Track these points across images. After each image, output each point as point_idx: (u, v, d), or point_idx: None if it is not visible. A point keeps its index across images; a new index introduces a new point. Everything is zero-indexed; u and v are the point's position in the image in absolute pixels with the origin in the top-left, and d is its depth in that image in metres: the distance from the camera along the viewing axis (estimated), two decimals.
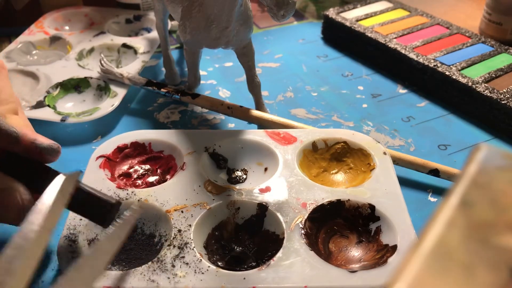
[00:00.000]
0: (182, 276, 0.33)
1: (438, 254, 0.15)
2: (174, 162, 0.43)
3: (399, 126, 0.52)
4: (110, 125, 0.52)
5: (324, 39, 0.69)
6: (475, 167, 0.18)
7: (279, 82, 0.60)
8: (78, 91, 0.54)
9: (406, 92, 0.58)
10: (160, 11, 0.54)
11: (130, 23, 0.68)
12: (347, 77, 0.61)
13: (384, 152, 0.43)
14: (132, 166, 0.44)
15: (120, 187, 0.40)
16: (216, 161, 0.44)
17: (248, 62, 0.50)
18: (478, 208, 0.17)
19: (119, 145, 0.44)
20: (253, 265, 0.35)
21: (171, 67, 0.58)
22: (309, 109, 0.55)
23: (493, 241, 0.16)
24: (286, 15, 0.39)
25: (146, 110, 0.54)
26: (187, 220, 0.37)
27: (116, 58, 0.61)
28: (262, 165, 0.44)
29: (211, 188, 0.40)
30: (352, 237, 0.38)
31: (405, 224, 0.37)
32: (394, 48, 0.59)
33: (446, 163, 0.45)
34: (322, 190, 0.40)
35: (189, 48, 0.49)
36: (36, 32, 0.63)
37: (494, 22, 0.65)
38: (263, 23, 0.74)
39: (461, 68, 0.56)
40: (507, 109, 0.49)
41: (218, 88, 0.58)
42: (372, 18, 0.68)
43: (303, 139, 0.45)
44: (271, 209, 0.38)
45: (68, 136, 0.50)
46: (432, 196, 0.43)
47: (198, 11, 0.44)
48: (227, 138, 0.45)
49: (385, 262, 0.34)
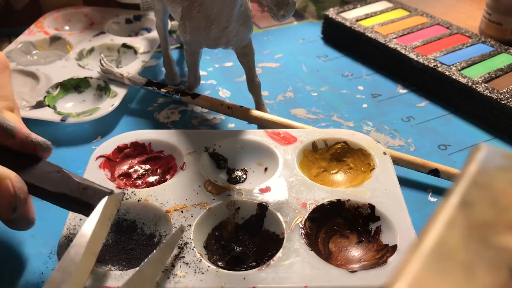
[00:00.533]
0: (182, 276, 0.33)
1: (438, 254, 0.15)
2: (174, 162, 0.43)
3: (399, 126, 0.52)
4: (110, 125, 0.52)
5: (324, 39, 0.69)
6: (475, 167, 0.18)
7: (279, 82, 0.60)
8: (78, 91, 0.54)
9: (406, 92, 0.58)
10: (160, 11, 0.54)
11: (130, 23, 0.68)
12: (347, 77, 0.61)
13: (384, 152, 0.43)
14: (132, 166, 0.44)
15: (120, 187, 0.40)
16: (216, 161, 0.44)
17: (248, 62, 0.50)
18: (478, 208, 0.17)
19: (119, 145, 0.44)
20: (253, 265, 0.35)
21: (171, 67, 0.58)
22: (309, 109, 0.55)
23: (493, 241, 0.16)
24: (286, 15, 0.39)
25: (146, 110, 0.54)
26: (187, 220, 0.37)
27: (116, 58, 0.61)
28: (262, 165, 0.44)
29: (211, 188, 0.40)
30: (352, 237, 0.38)
31: (405, 224, 0.36)
32: (394, 48, 0.60)
33: (446, 163, 0.45)
34: (322, 190, 0.40)
35: (189, 48, 0.49)
36: (36, 32, 0.63)
37: (494, 22, 0.65)
38: (263, 23, 0.74)
39: (461, 68, 0.56)
40: (507, 109, 0.49)
41: (218, 88, 0.58)
42: (372, 18, 0.68)
43: (303, 139, 0.45)
44: (271, 209, 0.38)
45: (68, 136, 0.50)
46: (432, 196, 0.43)
47: (198, 11, 0.44)
48: (227, 138, 0.45)
49: (385, 262, 0.34)
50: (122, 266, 0.35)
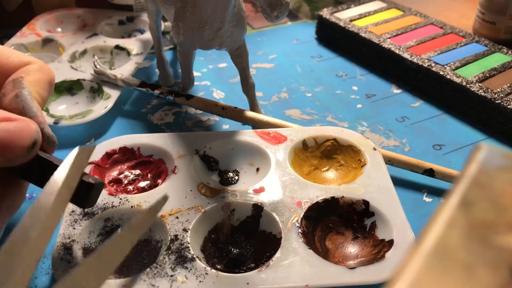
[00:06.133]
0: (182, 281, 0.32)
1: (438, 254, 0.15)
2: (164, 166, 0.43)
3: (393, 126, 0.52)
4: (103, 128, 0.51)
5: (318, 39, 0.69)
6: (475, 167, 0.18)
7: (273, 83, 0.60)
8: (71, 93, 0.54)
9: (401, 92, 0.58)
10: (153, 12, 0.54)
11: (123, 24, 0.68)
12: (342, 78, 0.61)
13: (374, 148, 0.44)
14: (122, 172, 0.43)
15: (111, 194, 0.39)
16: (207, 163, 0.44)
17: (242, 63, 0.50)
18: (478, 208, 0.17)
19: (107, 151, 0.43)
20: (252, 266, 0.35)
21: (165, 69, 0.58)
22: (304, 110, 0.55)
23: (493, 241, 0.16)
24: (280, 16, 0.39)
25: (140, 112, 0.54)
26: (182, 224, 0.36)
27: (109, 60, 0.61)
28: (253, 166, 0.44)
29: (204, 191, 0.39)
30: (347, 234, 0.38)
31: (400, 218, 0.37)
32: (388, 48, 0.60)
33: (441, 163, 0.45)
34: (315, 188, 0.40)
35: (182, 49, 0.48)
36: (28, 34, 0.63)
37: (487, 21, 0.65)
38: (257, 23, 0.74)
39: (455, 68, 0.56)
40: (501, 109, 0.49)
41: (212, 89, 0.58)
42: (366, 18, 0.68)
43: (293, 137, 0.45)
44: (267, 209, 0.38)
45: (61, 139, 0.49)
46: (427, 196, 0.43)
47: (191, 12, 0.44)
48: (217, 140, 0.45)
49: (383, 257, 0.34)
50: (117, 274, 0.34)
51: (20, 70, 0.35)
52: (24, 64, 0.35)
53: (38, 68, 0.35)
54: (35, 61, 0.36)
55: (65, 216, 0.37)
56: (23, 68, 0.35)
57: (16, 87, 0.33)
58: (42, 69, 0.35)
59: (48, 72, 0.36)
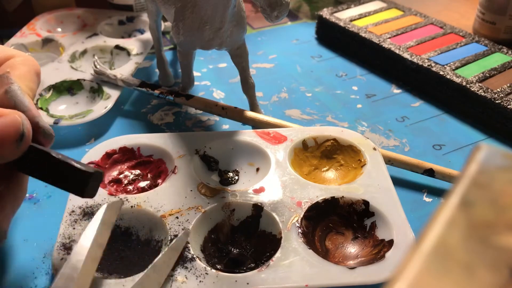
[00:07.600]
0: (182, 281, 0.32)
1: (438, 254, 0.15)
2: (164, 166, 0.43)
3: (393, 126, 0.52)
4: (103, 128, 0.51)
5: (318, 39, 0.69)
6: (475, 167, 0.18)
7: (273, 83, 0.60)
8: (71, 93, 0.54)
9: (400, 92, 0.58)
10: (153, 12, 0.54)
11: (123, 24, 0.68)
12: (341, 78, 0.61)
13: (374, 148, 0.43)
14: (122, 172, 0.43)
15: (112, 194, 0.39)
16: (207, 163, 0.44)
17: (242, 63, 0.50)
18: (478, 208, 0.17)
19: (107, 151, 0.43)
20: (252, 266, 0.35)
21: (165, 69, 0.58)
22: (304, 110, 0.54)
23: (493, 241, 0.16)
24: (280, 16, 0.39)
25: (140, 112, 0.54)
26: (182, 224, 0.36)
27: (109, 60, 0.61)
28: (253, 165, 0.44)
29: (204, 191, 0.39)
30: (347, 234, 0.38)
31: (400, 219, 0.37)
32: (388, 48, 0.60)
33: (441, 163, 0.45)
34: (315, 188, 0.40)
35: (182, 49, 0.48)
36: (28, 34, 0.63)
37: (487, 21, 0.65)
38: (257, 23, 0.74)
39: (455, 68, 0.56)
40: (501, 109, 0.49)
41: (212, 89, 0.58)
42: (366, 18, 0.68)
43: (293, 138, 0.45)
44: (267, 209, 0.38)
45: (61, 139, 0.49)
46: (427, 196, 0.43)
47: (191, 12, 0.44)
48: (217, 140, 0.45)
49: (383, 257, 0.34)
50: (118, 274, 0.34)
51: (5, 65, 0.34)
52: (7, 58, 0.34)
53: (23, 61, 0.34)
54: (18, 53, 0.35)
55: (65, 216, 0.37)
56: (7, 62, 0.34)
57: (4, 83, 0.32)
58: (27, 61, 0.35)
59: (33, 63, 0.35)
